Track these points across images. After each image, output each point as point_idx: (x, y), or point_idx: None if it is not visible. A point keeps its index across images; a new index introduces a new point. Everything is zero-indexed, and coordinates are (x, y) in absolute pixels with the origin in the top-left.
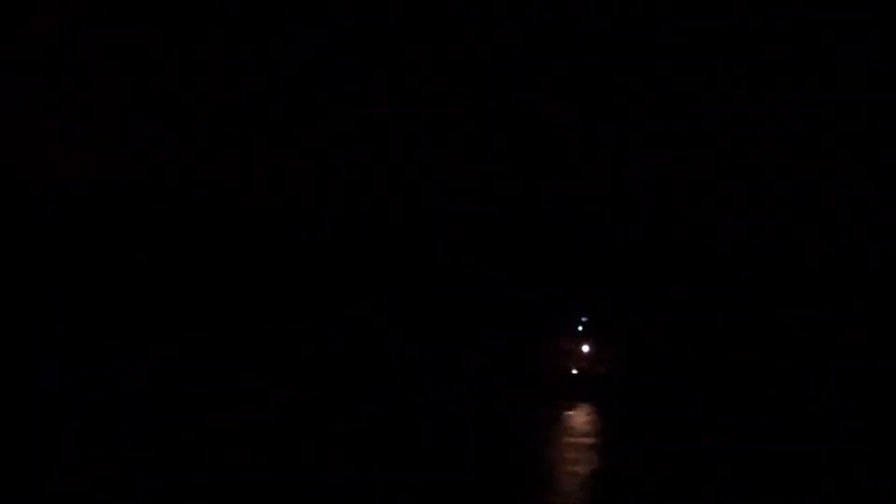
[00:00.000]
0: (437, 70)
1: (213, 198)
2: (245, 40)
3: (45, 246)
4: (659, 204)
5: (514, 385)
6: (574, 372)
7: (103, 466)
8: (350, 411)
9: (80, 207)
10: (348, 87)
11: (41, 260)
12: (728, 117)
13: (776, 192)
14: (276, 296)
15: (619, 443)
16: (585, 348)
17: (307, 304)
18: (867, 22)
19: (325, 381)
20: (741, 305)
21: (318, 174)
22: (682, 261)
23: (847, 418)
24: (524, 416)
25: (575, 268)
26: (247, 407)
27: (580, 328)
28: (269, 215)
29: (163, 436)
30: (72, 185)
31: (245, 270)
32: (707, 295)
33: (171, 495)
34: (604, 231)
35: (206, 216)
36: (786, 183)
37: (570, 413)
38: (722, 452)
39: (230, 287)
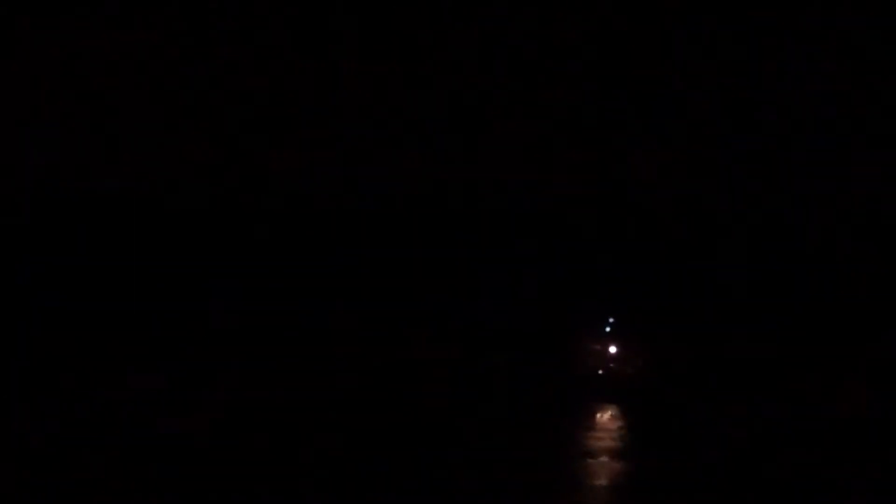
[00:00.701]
0: (448, 67)
1: (215, 195)
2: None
3: (45, 246)
4: (688, 202)
5: (540, 386)
6: (599, 372)
7: (101, 467)
8: (372, 410)
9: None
10: (355, 85)
11: (41, 261)
12: (761, 116)
13: (811, 191)
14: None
15: (644, 444)
16: (613, 349)
17: (322, 302)
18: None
19: (348, 380)
20: (774, 306)
21: (340, 170)
22: (712, 260)
23: (886, 419)
24: (549, 416)
25: (602, 268)
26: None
27: (608, 329)
28: (292, 213)
29: (162, 441)
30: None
31: (267, 267)
32: (739, 295)
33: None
34: (631, 229)
35: (209, 214)
36: (819, 181)
37: (597, 414)
38: (752, 456)
39: (251, 285)
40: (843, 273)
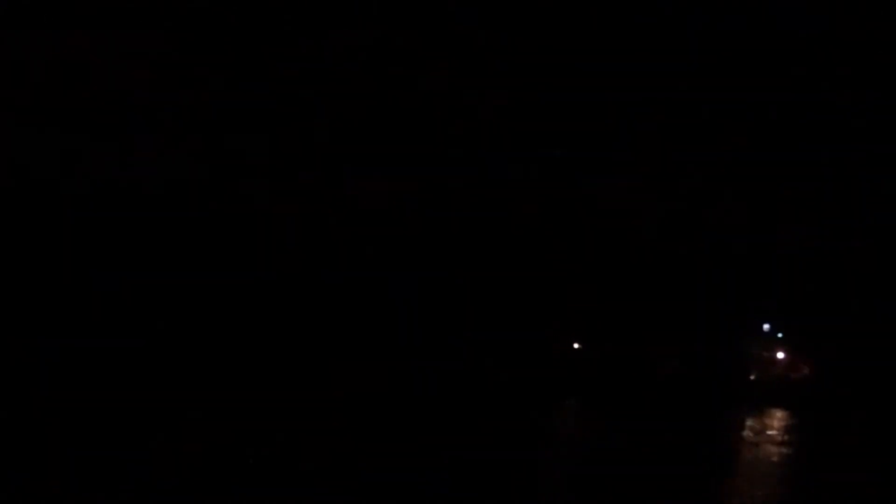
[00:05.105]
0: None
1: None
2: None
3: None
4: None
5: (709, 390)
6: (751, 378)
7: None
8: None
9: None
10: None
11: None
12: None
13: None
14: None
15: (816, 450)
16: (780, 355)
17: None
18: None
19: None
20: None
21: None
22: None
23: None
24: (717, 420)
25: (771, 277)
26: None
27: (779, 335)
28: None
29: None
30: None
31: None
32: None
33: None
34: (802, 237)
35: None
36: None
37: (763, 419)
38: None
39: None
40: None
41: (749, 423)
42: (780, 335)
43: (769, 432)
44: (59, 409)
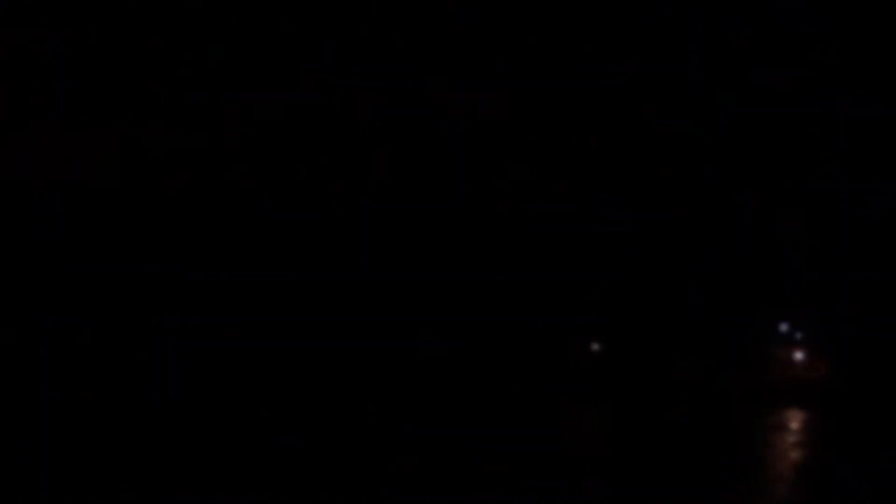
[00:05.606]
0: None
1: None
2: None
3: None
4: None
5: (727, 390)
6: (769, 378)
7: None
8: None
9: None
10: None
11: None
12: None
13: None
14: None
15: (835, 450)
16: (798, 355)
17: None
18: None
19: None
20: None
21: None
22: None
23: None
24: (736, 420)
25: (787, 273)
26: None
27: (798, 335)
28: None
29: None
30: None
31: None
32: None
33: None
34: (819, 237)
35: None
36: None
37: (781, 419)
38: None
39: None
40: None
41: (767, 423)
42: (797, 335)
43: (787, 433)
44: (55, 408)
